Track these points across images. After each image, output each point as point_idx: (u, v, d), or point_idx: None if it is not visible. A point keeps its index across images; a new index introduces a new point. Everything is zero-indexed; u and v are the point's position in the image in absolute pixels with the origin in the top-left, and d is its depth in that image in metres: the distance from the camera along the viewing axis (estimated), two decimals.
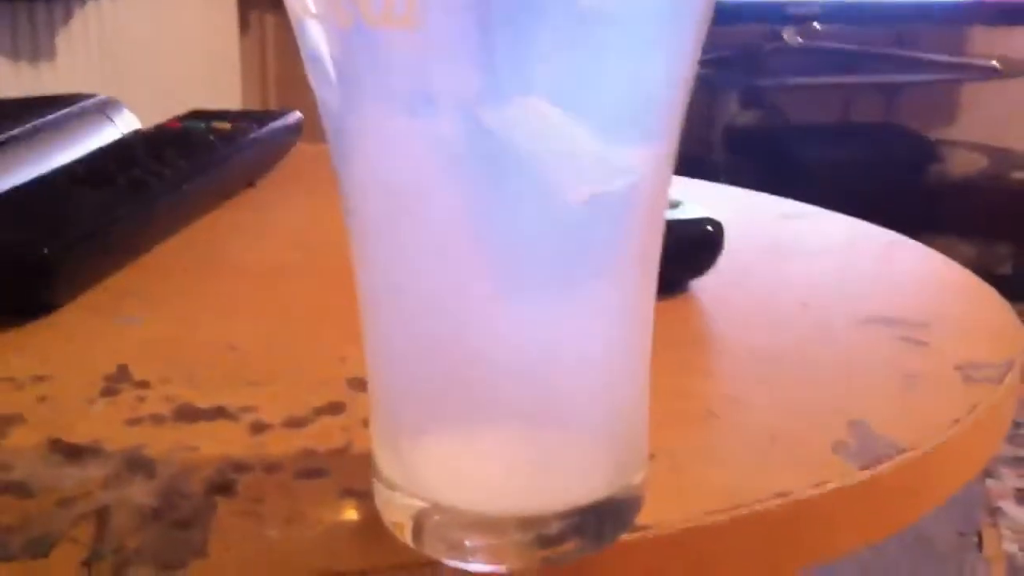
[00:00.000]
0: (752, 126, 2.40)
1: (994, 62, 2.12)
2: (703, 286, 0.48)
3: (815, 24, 2.10)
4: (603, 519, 0.28)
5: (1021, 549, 1.46)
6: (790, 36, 2.13)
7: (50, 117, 0.63)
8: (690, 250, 0.47)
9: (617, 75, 0.25)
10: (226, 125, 0.65)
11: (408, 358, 0.28)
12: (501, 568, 0.27)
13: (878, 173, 2.15)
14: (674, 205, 0.47)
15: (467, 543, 0.27)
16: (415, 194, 0.26)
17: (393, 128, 0.25)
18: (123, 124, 0.67)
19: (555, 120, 0.24)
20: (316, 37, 0.25)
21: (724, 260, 0.48)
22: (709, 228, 0.47)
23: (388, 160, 0.26)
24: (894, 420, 0.36)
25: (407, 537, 0.28)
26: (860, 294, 0.48)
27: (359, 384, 0.38)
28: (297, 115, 0.71)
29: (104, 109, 0.67)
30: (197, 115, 0.70)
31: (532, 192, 0.25)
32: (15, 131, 0.60)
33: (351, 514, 0.30)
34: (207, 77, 1.73)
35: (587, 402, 0.28)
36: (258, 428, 0.35)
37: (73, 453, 0.33)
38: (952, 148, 2.31)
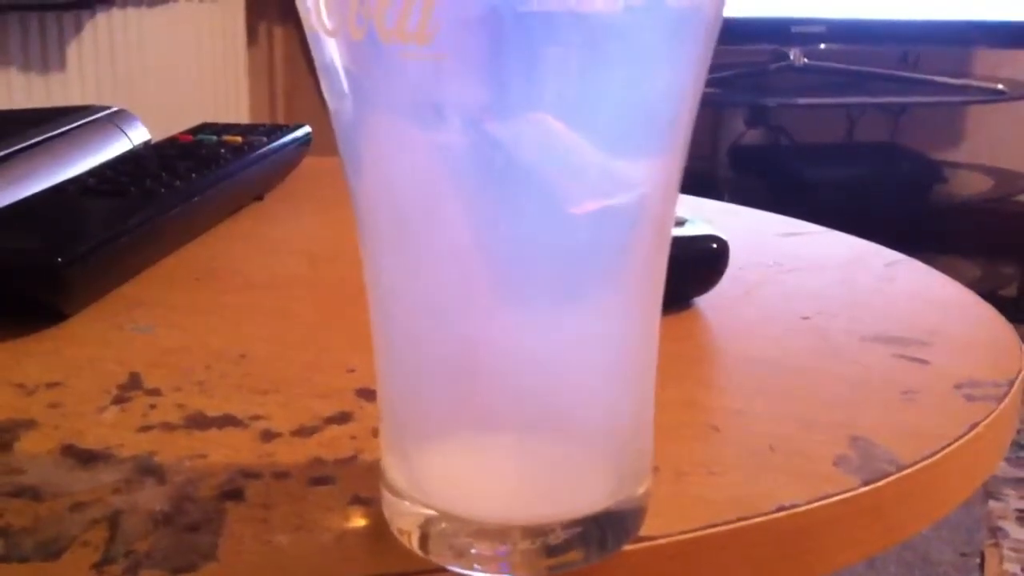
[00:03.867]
0: (757, 145, 2.41)
1: (999, 84, 2.12)
2: (708, 302, 0.48)
3: (821, 44, 2.11)
4: (607, 529, 0.28)
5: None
6: (796, 56, 2.14)
7: (62, 128, 0.64)
8: (695, 267, 0.48)
9: (623, 91, 0.25)
10: (237, 138, 0.66)
11: (416, 368, 0.29)
12: None
13: (882, 193, 2.15)
14: (680, 222, 0.48)
15: (473, 551, 0.28)
16: (423, 205, 0.26)
17: (402, 139, 0.26)
18: (135, 136, 0.68)
19: (561, 134, 0.25)
20: (330, 49, 0.26)
21: (729, 277, 0.48)
22: (714, 245, 0.48)
23: (397, 170, 0.26)
24: (895, 436, 0.36)
25: (414, 544, 0.29)
26: (862, 312, 0.48)
27: (367, 394, 0.38)
28: (306, 129, 0.71)
29: (116, 120, 0.68)
30: (208, 128, 0.70)
31: (538, 205, 0.26)
32: (28, 142, 0.60)
33: (359, 521, 0.31)
34: (215, 88, 1.74)
35: (593, 414, 0.28)
36: (268, 436, 0.35)
37: (85, 458, 0.34)
38: (957, 169, 2.31)
